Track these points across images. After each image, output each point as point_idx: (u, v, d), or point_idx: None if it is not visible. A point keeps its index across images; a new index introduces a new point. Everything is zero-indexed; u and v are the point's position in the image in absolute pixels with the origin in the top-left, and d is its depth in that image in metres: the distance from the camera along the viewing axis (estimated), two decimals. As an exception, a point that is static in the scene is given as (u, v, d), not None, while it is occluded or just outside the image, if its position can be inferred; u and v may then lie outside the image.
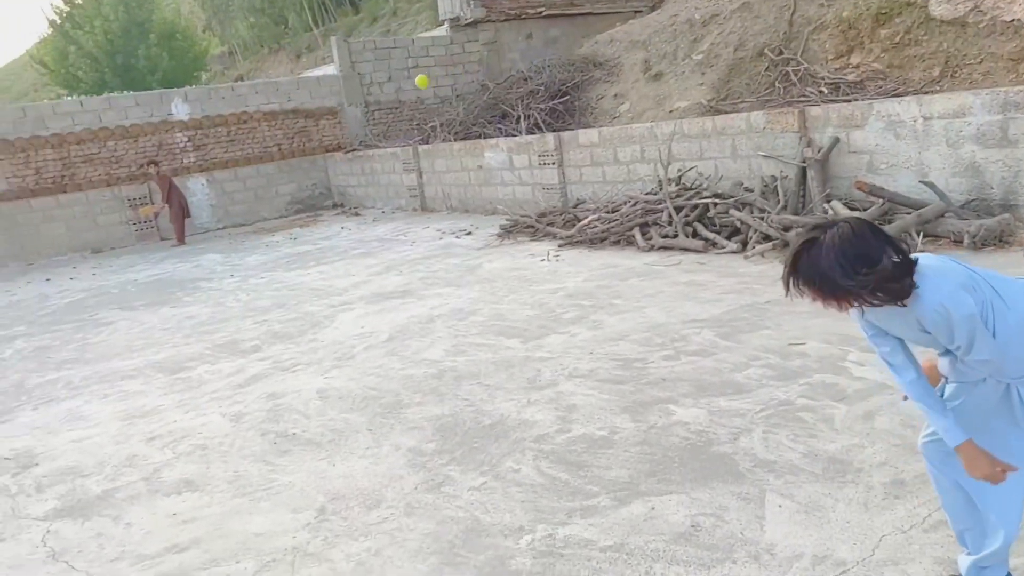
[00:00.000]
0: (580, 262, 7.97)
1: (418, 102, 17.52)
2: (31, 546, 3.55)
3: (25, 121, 13.92)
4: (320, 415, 4.74)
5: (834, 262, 1.97)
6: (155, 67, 24.33)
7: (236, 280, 9.75)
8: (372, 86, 17.15)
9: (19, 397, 5.92)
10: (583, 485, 3.39)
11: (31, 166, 13.97)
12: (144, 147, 14.99)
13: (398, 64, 17.30)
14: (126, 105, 14.91)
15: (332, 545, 3.22)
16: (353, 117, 17.05)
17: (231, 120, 15.87)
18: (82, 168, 14.43)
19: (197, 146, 15.54)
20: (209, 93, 15.87)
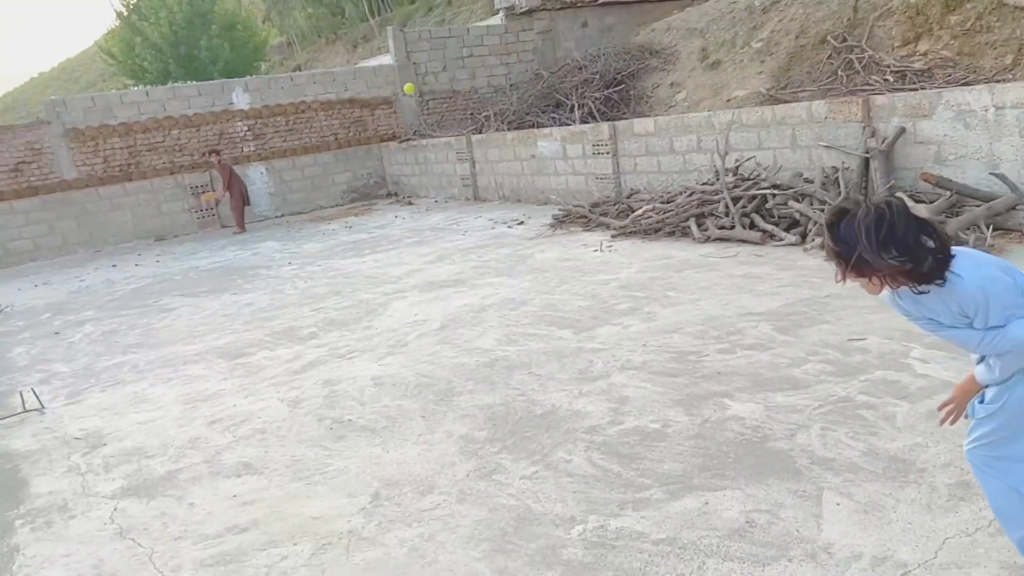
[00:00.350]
0: (633, 253, 7.90)
1: (472, 91, 17.56)
2: (100, 523, 3.70)
3: (94, 110, 14.39)
4: (374, 402, 4.81)
5: (863, 238, 1.99)
6: (217, 57, 24.88)
7: (293, 268, 9.94)
8: (427, 76, 17.24)
9: (88, 379, 6.15)
10: (635, 477, 3.38)
11: (100, 154, 14.45)
12: (206, 136, 15.36)
13: (453, 54, 17.35)
14: (189, 95, 15.28)
15: (386, 530, 3.27)
16: (408, 107, 17.18)
17: (289, 109, 16.14)
18: (147, 156, 14.86)
19: (257, 135, 15.86)
20: (268, 83, 16.16)
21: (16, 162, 13.78)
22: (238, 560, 3.20)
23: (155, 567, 3.23)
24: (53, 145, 14.02)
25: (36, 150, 13.93)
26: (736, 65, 12.99)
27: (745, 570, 2.65)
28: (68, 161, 14.15)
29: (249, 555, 3.23)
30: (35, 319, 8.83)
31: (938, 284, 2.06)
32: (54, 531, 3.67)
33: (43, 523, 3.76)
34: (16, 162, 13.78)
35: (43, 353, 7.18)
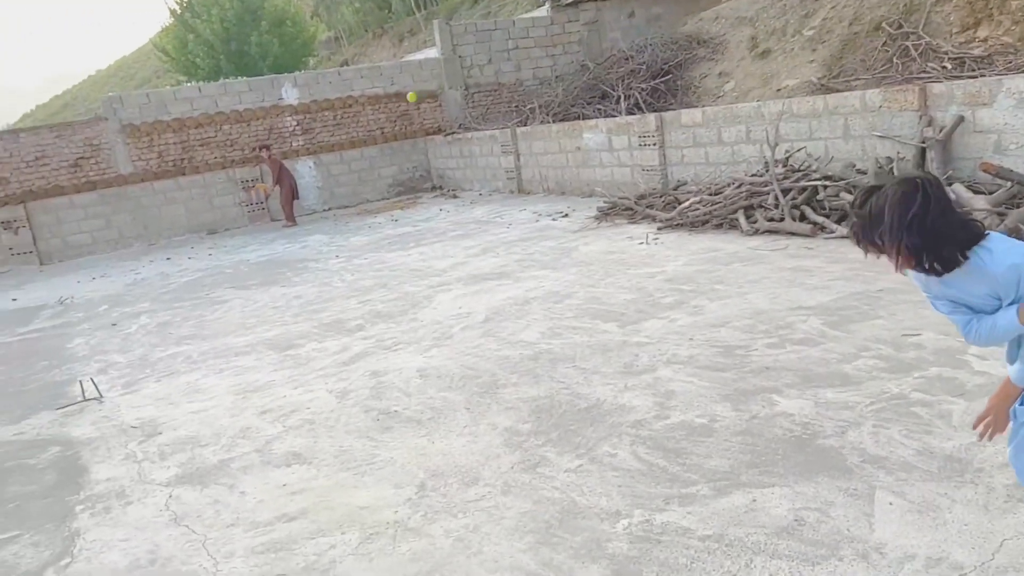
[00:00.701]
0: (680, 246, 7.82)
1: (517, 84, 17.55)
2: (156, 509, 3.80)
3: (149, 107, 14.76)
4: (420, 393, 4.85)
5: (888, 215, 1.99)
6: (266, 53, 25.27)
7: (341, 261, 10.07)
8: (472, 69, 17.28)
9: (144, 370, 6.33)
10: (681, 473, 3.35)
11: (154, 149, 14.82)
12: (256, 131, 15.64)
13: (498, 46, 17.36)
14: (240, 90, 15.58)
15: (432, 520, 3.30)
16: (453, 100, 17.24)
17: (337, 104, 16.34)
18: (199, 151, 15.20)
19: (305, 130, 16.09)
20: (317, 78, 16.38)
21: (76, 158, 14.23)
22: (288, 548, 3.26)
23: (208, 553, 3.31)
24: (110, 141, 14.43)
25: (94, 146, 14.36)
26: (787, 54, 12.73)
27: (794, 568, 2.61)
28: (124, 156, 14.55)
29: (298, 543, 3.29)
30: (93, 311, 9.11)
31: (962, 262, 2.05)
32: (112, 516, 3.79)
33: (102, 509, 3.89)
34: (76, 158, 14.23)
35: (101, 344, 7.42)
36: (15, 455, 4.79)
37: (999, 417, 2.28)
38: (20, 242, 13.81)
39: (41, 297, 10.58)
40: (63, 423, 5.27)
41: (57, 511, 3.93)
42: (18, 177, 13.86)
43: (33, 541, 3.65)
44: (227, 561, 3.22)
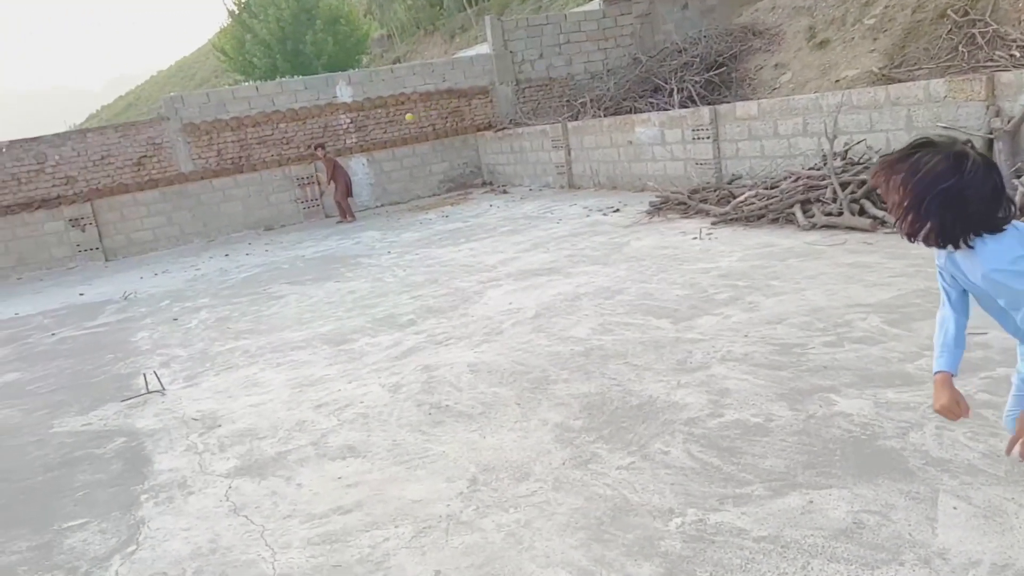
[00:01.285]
0: (735, 241, 7.69)
1: (568, 78, 17.48)
2: (216, 500, 3.91)
3: (209, 106, 15.14)
4: (471, 388, 4.88)
5: (925, 174, 2.03)
6: (321, 52, 25.67)
7: (393, 256, 10.18)
8: (523, 64, 17.27)
9: (204, 363, 6.51)
10: (736, 472, 3.30)
11: (213, 148, 15.20)
12: (311, 129, 15.91)
13: (550, 41, 17.31)
14: (296, 89, 15.86)
15: (483, 515, 3.32)
16: (504, 96, 17.26)
17: (390, 101, 16.52)
18: (257, 149, 15.53)
19: (359, 127, 16.30)
20: (370, 76, 16.57)
21: (139, 156, 14.68)
22: (343, 540, 3.32)
23: (266, 543, 3.39)
24: (171, 140, 14.85)
25: (156, 145, 14.79)
26: (846, 44, 12.41)
27: (853, 572, 2.55)
28: (185, 155, 14.95)
29: (353, 536, 3.34)
30: (156, 306, 9.40)
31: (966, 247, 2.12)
32: (175, 506, 3.90)
33: (165, 498, 4.01)
34: (139, 156, 14.68)
35: (163, 338, 7.64)
36: (84, 445, 4.97)
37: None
38: (87, 239, 14.32)
39: (106, 292, 10.95)
40: (128, 414, 5.46)
41: (123, 499, 4.07)
42: (85, 176, 14.37)
43: (101, 528, 3.78)
44: (284, 552, 3.29)
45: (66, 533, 3.78)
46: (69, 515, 3.97)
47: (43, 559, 3.56)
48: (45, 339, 8.42)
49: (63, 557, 3.55)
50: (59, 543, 3.69)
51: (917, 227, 2.15)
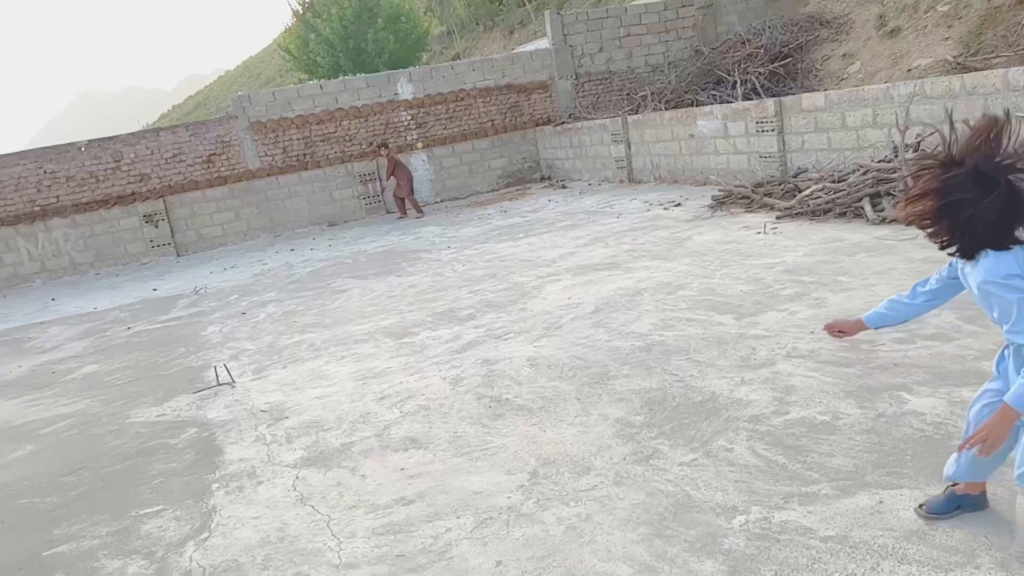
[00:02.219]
0: (800, 235, 7.52)
1: (629, 72, 17.32)
2: (284, 489, 4.02)
3: (275, 104, 15.50)
4: (530, 382, 4.90)
5: (944, 185, 2.14)
6: (382, 49, 26.02)
7: (452, 251, 10.27)
8: (583, 58, 17.19)
9: (271, 356, 6.68)
10: (802, 471, 3.24)
11: (279, 145, 15.57)
12: (373, 126, 16.14)
13: (610, 34, 17.18)
14: (358, 87, 16.12)
15: (544, 507, 3.33)
16: (563, 90, 17.21)
17: (450, 98, 16.64)
18: (320, 147, 15.85)
19: (419, 124, 16.48)
20: (431, 72, 16.72)
21: (208, 154, 15.14)
22: (406, 530, 3.37)
23: (332, 533, 3.47)
24: (239, 137, 15.26)
25: (225, 142, 15.22)
26: (918, 32, 11.98)
27: (925, 575, 2.48)
28: (252, 152, 15.35)
29: (416, 526, 3.40)
30: (224, 300, 9.69)
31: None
32: (245, 495, 4.02)
33: (235, 487, 4.14)
34: (208, 154, 15.14)
35: (232, 331, 7.88)
36: (159, 435, 5.17)
37: (993, 437, 2.25)
38: (160, 235, 14.85)
39: (178, 287, 11.34)
40: (200, 406, 5.65)
41: (195, 488, 4.22)
42: (158, 173, 14.89)
43: (176, 515, 3.93)
44: (349, 541, 3.37)
45: (143, 519, 3.94)
46: (146, 502, 4.14)
47: (122, 544, 3.71)
48: (121, 332, 8.77)
49: (141, 542, 3.70)
50: (137, 529, 3.84)
51: (936, 239, 2.30)
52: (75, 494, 4.40)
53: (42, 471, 4.85)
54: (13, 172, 14.08)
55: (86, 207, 14.48)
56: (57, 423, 5.80)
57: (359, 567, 3.15)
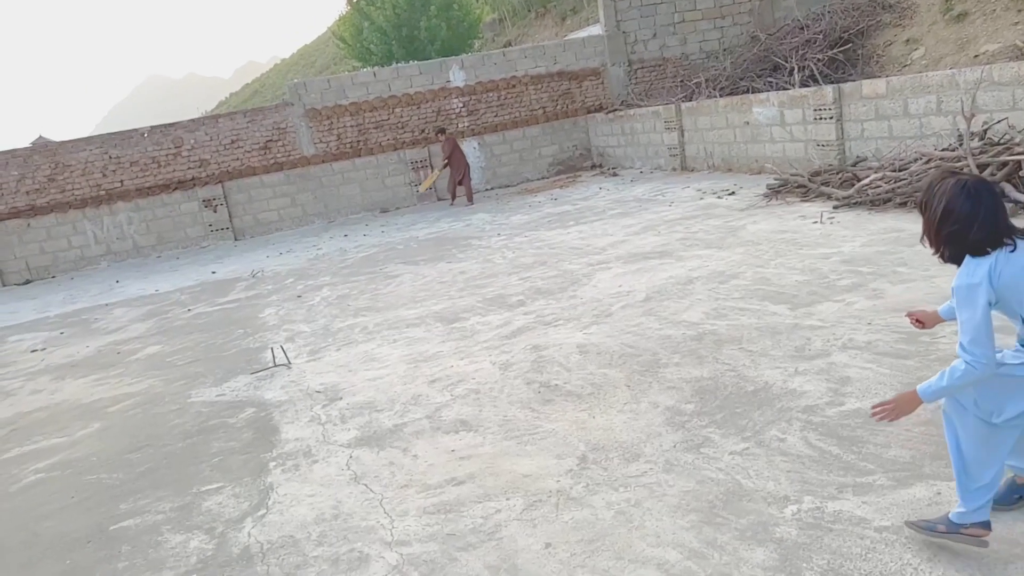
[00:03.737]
0: (859, 225, 7.35)
1: (683, 58, 17.09)
2: (338, 468, 4.12)
3: (329, 92, 15.72)
4: (580, 368, 4.91)
5: (936, 203, 2.31)
6: (435, 37, 26.10)
7: (502, 239, 10.31)
8: (636, 44, 17.01)
9: (326, 339, 6.82)
10: (856, 461, 3.19)
11: (333, 132, 15.79)
12: (425, 113, 16.25)
13: (664, 20, 16.95)
14: (411, 74, 16.23)
15: (593, 492, 3.36)
16: (616, 77, 17.06)
17: (501, 85, 16.64)
18: (374, 133, 16.02)
19: (471, 111, 16.52)
20: (483, 60, 16.74)
21: (265, 140, 15.43)
22: (456, 510, 3.43)
23: (384, 511, 3.55)
24: (295, 124, 15.52)
25: (281, 129, 15.50)
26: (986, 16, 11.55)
27: (984, 567, 2.43)
28: (307, 139, 15.60)
29: (466, 506, 3.45)
30: (281, 283, 9.91)
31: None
32: (300, 473, 4.13)
33: (292, 466, 4.25)
34: (265, 140, 15.43)
35: (288, 314, 8.06)
36: (218, 414, 5.33)
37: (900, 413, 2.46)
38: (218, 219, 15.22)
39: (236, 270, 11.63)
40: (257, 386, 5.80)
41: (253, 466, 4.35)
42: (217, 159, 15.25)
43: (234, 493, 4.05)
44: (401, 519, 3.44)
45: (204, 496, 4.08)
46: (206, 479, 4.28)
47: (184, 519, 3.85)
48: (182, 314, 9.04)
49: (202, 518, 3.83)
50: (198, 505, 3.98)
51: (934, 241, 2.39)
52: (140, 470, 4.58)
53: (109, 448, 5.05)
54: (80, 157, 14.58)
55: (148, 191, 14.92)
56: (123, 402, 6.02)
57: (411, 544, 3.22)
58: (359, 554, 3.22)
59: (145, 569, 3.43)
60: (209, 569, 3.33)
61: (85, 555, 3.65)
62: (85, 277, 13.72)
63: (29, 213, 14.38)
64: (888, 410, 2.45)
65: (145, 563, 3.48)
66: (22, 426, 5.83)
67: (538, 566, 2.91)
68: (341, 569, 3.13)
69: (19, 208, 14.34)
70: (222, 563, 3.36)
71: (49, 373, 7.31)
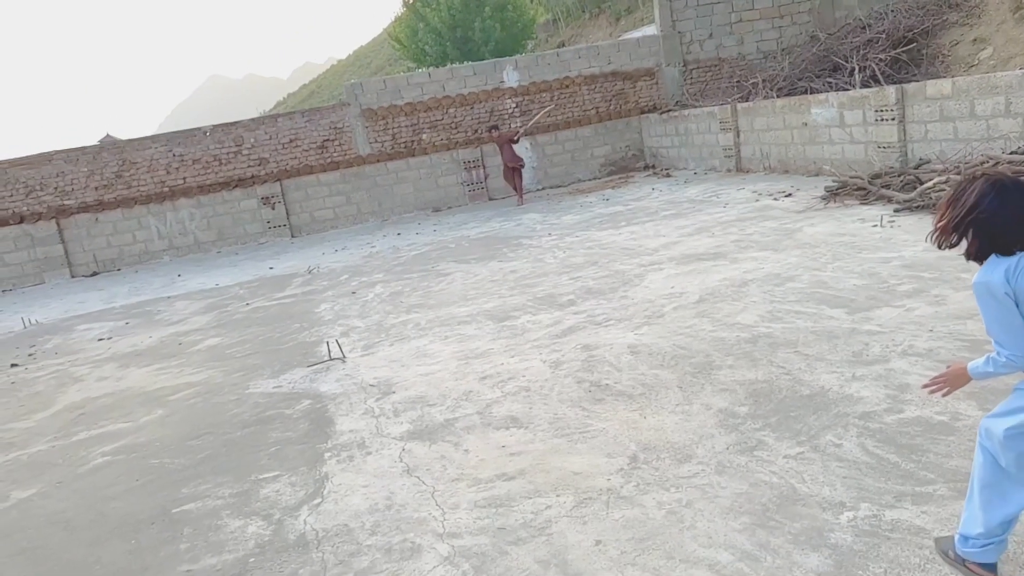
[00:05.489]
0: (920, 229, 7.15)
1: (739, 58, 16.86)
2: (391, 460, 4.19)
3: (385, 92, 15.94)
4: (631, 369, 4.90)
5: (966, 197, 2.29)
6: (488, 38, 26.25)
7: (553, 238, 10.32)
8: (692, 44, 16.84)
9: (379, 334, 6.93)
10: (916, 470, 3.13)
11: (388, 132, 16.01)
12: (478, 113, 16.36)
13: (720, 20, 16.76)
14: (465, 75, 16.35)
15: (644, 491, 3.35)
16: (670, 77, 16.92)
17: (555, 85, 16.65)
18: (428, 133, 16.19)
19: (523, 111, 16.57)
20: (536, 60, 16.77)
21: (323, 140, 15.73)
22: (507, 505, 3.47)
23: (436, 503, 3.60)
24: (351, 124, 15.79)
25: (338, 129, 15.78)
26: (1061, 12, 11.12)
27: (1049, 584, 2.37)
28: (363, 138, 15.85)
29: (517, 501, 3.48)
30: (336, 280, 10.09)
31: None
32: (354, 465, 4.22)
33: (346, 457, 4.34)
34: (323, 140, 15.73)
35: (343, 310, 8.21)
36: (275, 405, 5.47)
37: (953, 387, 2.46)
38: (276, 216, 15.57)
39: (293, 266, 11.88)
40: (313, 379, 5.93)
41: (309, 456, 4.45)
42: (276, 157, 15.60)
43: (291, 481, 4.16)
44: (453, 512, 3.49)
45: (262, 483, 4.19)
46: (264, 468, 4.40)
47: (243, 505, 3.97)
48: (241, 308, 9.28)
49: (259, 504, 3.94)
50: (256, 492, 4.10)
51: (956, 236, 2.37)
52: (200, 457, 4.73)
53: (171, 434, 5.23)
54: (146, 155, 15.07)
55: (210, 188, 15.34)
56: (184, 391, 6.22)
57: (462, 537, 3.26)
58: (411, 544, 3.28)
59: (206, 551, 3.54)
60: (266, 554, 3.42)
61: (149, 536, 3.79)
62: (148, 270, 14.18)
63: (97, 208, 14.92)
64: (941, 383, 2.46)
65: (206, 545, 3.60)
66: (90, 411, 6.07)
67: (588, 563, 2.92)
68: (394, 558, 3.20)
69: (88, 203, 14.89)
70: (279, 548, 3.45)
71: (115, 361, 7.59)
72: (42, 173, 14.68)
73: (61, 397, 6.64)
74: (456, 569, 3.04)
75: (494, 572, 2.97)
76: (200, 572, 3.38)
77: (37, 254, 14.73)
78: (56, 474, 4.84)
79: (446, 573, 3.03)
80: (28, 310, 11.67)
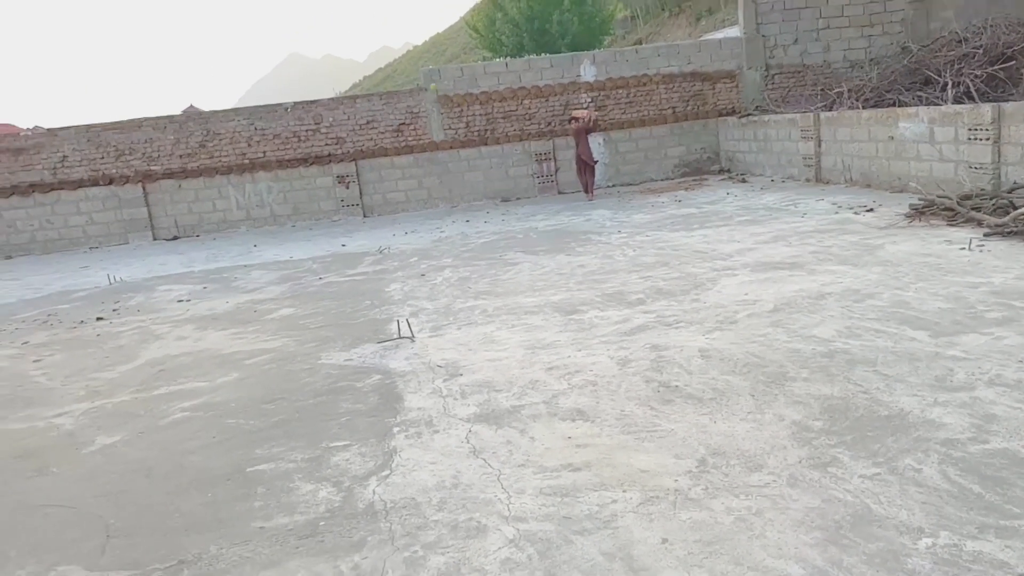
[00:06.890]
0: (1012, 256, 6.90)
1: (824, 66, 16.46)
2: (458, 440, 4.25)
3: (462, 80, 16.06)
4: (702, 373, 4.86)
5: None
6: (566, 31, 26.19)
7: (623, 236, 10.27)
8: (775, 48, 16.51)
9: (447, 317, 7.02)
10: (1000, 503, 3.04)
11: (463, 119, 16.13)
12: (553, 106, 16.35)
13: (807, 25, 16.38)
14: (542, 67, 16.36)
15: (712, 496, 3.34)
16: (751, 81, 16.62)
17: (631, 82, 16.53)
18: (501, 123, 16.26)
19: (598, 107, 16.50)
20: (615, 56, 16.67)
21: (399, 123, 15.95)
22: (572, 495, 3.49)
23: (502, 486, 3.65)
24: (427, 110, 15.96)
25: (414, 113, 15.98)
26: None
27: None
28: (438, 124, 16.01)
29: (582, 492, 3.51)
30: (406, 261, 10.25)
31: None
32: (422, 441, 4.30)
33: (414, 433, 4.43)
34: (399, 123, 15.95)
35: (412, 291, 8.34)
36: (347, 377, 5.60)
37: None
38: (350, 195, 15.87)
39: (364, 245, 12.10)
40: (383, 355, 6.05)
41: (379, 429, 4.55)
42: (352, 138, 15.88)
43: (361, 452, 4.26)
44: (518, 496, 3.53)
45: (332, 451, 4.30)
46: (335, 436, 4.52)
47: (315, 471, 4.08)
48: (314, 282, 9.51)
49: (330, 471, 4.05)
50: (327, 459, 4.21)
51: None
52: (274, 420, 4.88)
53: (245, 396, 5.41)
54: (229, 127, 15.51)
55: (288, 164, 15.71)
56: (258, 356, 6.42)
57: (527, 521, 3.30)
58: (477, 524, 3.33)
59: (278, 511, 3.66)
60: (336, 519, 3.52)
61: (225, 491, 3.94)
62: (226, 238, 14.63)
63: (181, 175, 15.44)
64: None
65: (278, 506, 3.72)
66: (169, 368, 6.32)
67: (654, 559, 2.93)
68: (460, 535, 3.25)
69: (172, 170, 15.42)
70: (348, 515, 3.55)
71: (193, 323, 7.87)
72: (131, 138, 15.25)
73: (143, 352, 6.92)
74: (521, 552, 3.08)
75: (559, 559, 3.00)
76: (272, 530, 3.50)
77: (123, 215, 15.33)
78: (138, 424, 5.06)
79: (511, 555, 3.07)
80: (113, 268, 12.18)
